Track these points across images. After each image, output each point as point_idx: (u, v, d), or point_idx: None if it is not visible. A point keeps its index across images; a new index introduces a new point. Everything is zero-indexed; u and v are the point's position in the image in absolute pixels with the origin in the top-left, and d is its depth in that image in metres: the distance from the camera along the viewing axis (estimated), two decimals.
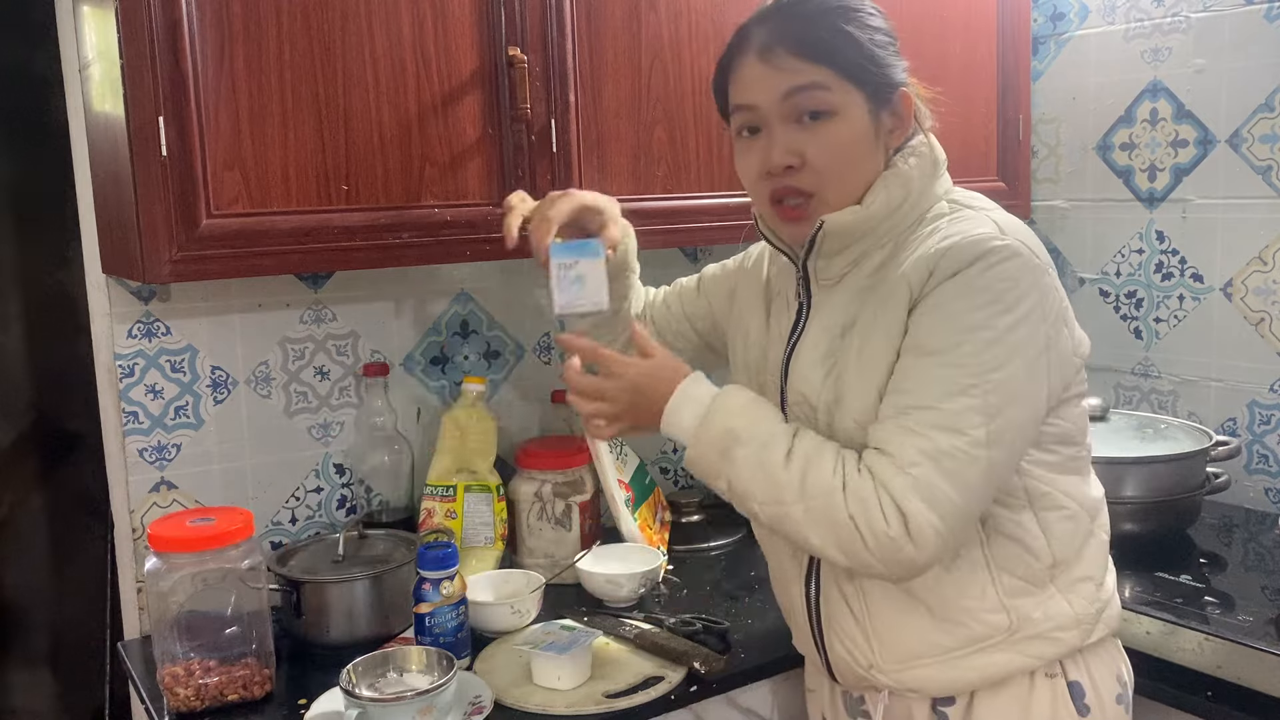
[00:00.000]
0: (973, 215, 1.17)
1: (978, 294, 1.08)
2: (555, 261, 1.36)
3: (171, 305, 1.67)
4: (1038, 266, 1.11)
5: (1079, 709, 1.20)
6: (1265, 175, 1.92)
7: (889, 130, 1.19)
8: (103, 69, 1.42)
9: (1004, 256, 1.09)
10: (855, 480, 1.07)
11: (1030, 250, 1.12)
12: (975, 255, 1.09)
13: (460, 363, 1.92)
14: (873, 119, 1.17)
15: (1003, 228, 1.13)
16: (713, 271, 1.53)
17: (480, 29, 1.52)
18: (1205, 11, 1.97)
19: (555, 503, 1.78)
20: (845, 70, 1.15)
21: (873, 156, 1.18)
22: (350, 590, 1.52)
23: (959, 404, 1.06)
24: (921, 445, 1.05)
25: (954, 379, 1.06)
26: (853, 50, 1.15)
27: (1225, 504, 1.96)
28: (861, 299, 1.18)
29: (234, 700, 1.39)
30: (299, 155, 1.41)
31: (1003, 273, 1.08)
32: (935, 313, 1.10)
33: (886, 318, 1.14)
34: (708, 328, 1.51)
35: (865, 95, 1.16)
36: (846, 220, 1.17)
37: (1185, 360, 2.07)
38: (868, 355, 1.14)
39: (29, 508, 2.52)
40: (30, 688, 2.55)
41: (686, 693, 1.42)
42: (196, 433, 1.70)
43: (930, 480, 1.04)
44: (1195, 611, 1.50)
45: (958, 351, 1.07)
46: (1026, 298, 1.08)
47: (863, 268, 1.20)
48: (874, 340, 1.14)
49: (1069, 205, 2.23)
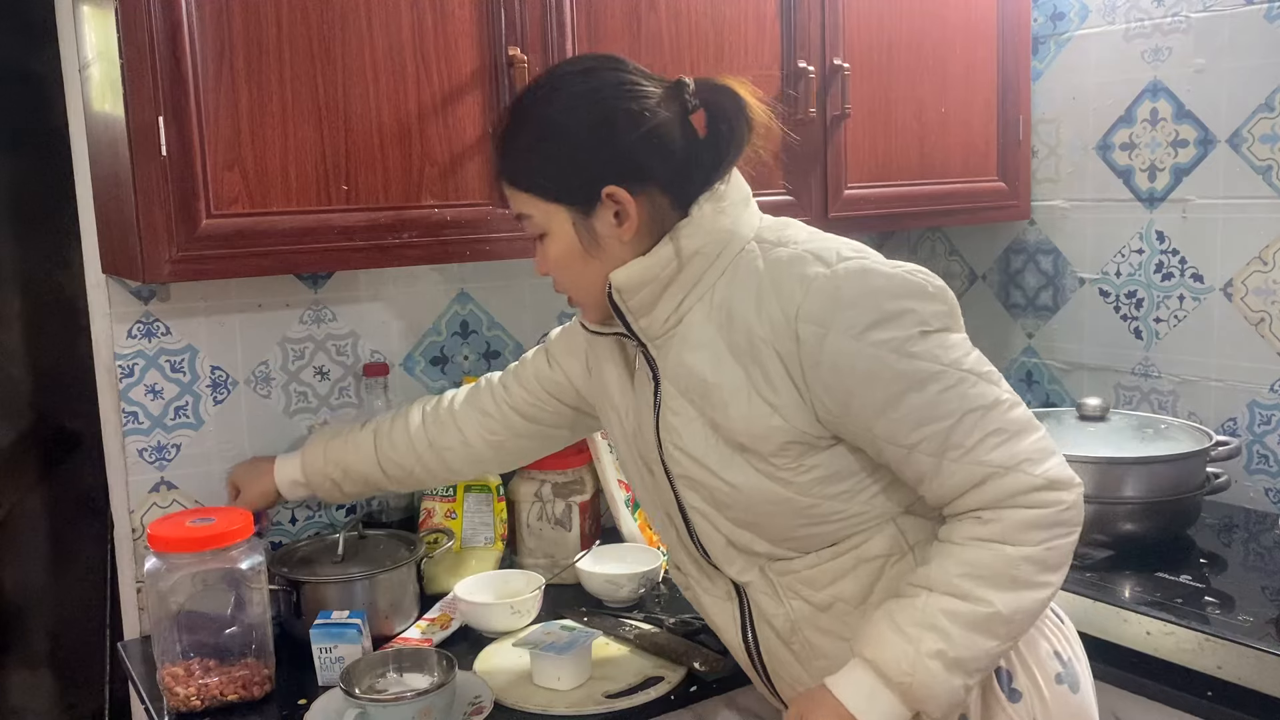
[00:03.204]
0: (785, 254, 1.14)
1: (869, 329, 1.07)
2: (315, 645, 1.44)
3: (171, 305, 1.67)
4: (868, 268, 1.10)
5: (1008, 694, 1.18)
6: (1265, 175, 1.92)
7: (615, 227, 1.15)
8: (103, 69, 1.42)
9: (853, 280, 1.09)
10: (997, 530, 1.08)
11: (852, 257, 1.11)
12: (829, 299, 1.08)
13: (460, 363, 1.92)
14: (580, 230, 1.16)
15: (822, 256, 1.12)
16: (559, 345, 1.45)
17: (480, 29, 1.52)
18: (1205, 11, 1.97)
19: (555, 503, 1.78)
20: (544, 193, 1.16)
21: (596, 260, 1.17)
22: (350, 590, 1.52)
23: (966, 399, 1.07)
24: (988, 447, 1.07)
25: (938, 391, 1.07)
26: (543, 170, 1.16)
27: (1225, 504, 1.95)
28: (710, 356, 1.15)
29: (234, 700, 1.39)
30: (299, 155, 1.41)
31: (865, 292, 1.08)
32: (856, 373, 1.08)
33: (757, 375, 1.12)
34: (572, 398, 1.44)
35: (568, 208, 1.16)
36: (631, 273, 1.15)
37: (1185, 360, 2.07)
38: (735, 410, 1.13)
39: (29, 508, 2.52)
40: (30, 688, 2.55)
41: (686, 693, 1.42)
42: (196, 433, 1.70)
43: (1022, 453, 1.07)
44: (1195, 611, 1.50)
45: (914, 374, 1.07)
46: (897, 296, 1.09)
47: (690, 321, 1.17)
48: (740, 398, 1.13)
49: (1069, 205, 2.23)
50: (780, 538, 1.17)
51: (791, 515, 1.15)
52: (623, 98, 1.14)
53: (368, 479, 1.52)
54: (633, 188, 1.14)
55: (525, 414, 1.47)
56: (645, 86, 1.16)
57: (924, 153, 1.99)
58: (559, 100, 1.16)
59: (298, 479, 1.55)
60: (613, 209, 1.15)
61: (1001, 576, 1.07)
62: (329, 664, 1.43)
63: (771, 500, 1.14)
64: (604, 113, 1.14)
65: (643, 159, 1.15)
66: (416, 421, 1.51)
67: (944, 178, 2.03)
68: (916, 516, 1.17)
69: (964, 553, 1.09)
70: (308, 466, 1.54)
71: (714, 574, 1.25)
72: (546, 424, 1.48)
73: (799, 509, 1.14)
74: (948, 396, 1.08)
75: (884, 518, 1.16)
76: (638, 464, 1.28)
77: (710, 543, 1.21)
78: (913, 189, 2.01)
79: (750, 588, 1.22)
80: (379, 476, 1.52)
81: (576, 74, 1.18)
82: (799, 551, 1.18)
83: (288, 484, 1.55)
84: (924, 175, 1.99)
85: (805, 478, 1.13)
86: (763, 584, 1.20)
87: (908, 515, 1.17)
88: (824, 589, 1.18)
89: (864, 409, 1.09)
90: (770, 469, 1.13)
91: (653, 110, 1.14)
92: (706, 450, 1.16)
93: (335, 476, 1.52)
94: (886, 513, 1.16)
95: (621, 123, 1.14)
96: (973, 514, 1.09)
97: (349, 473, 1.52)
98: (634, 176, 1.14)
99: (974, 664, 1.08)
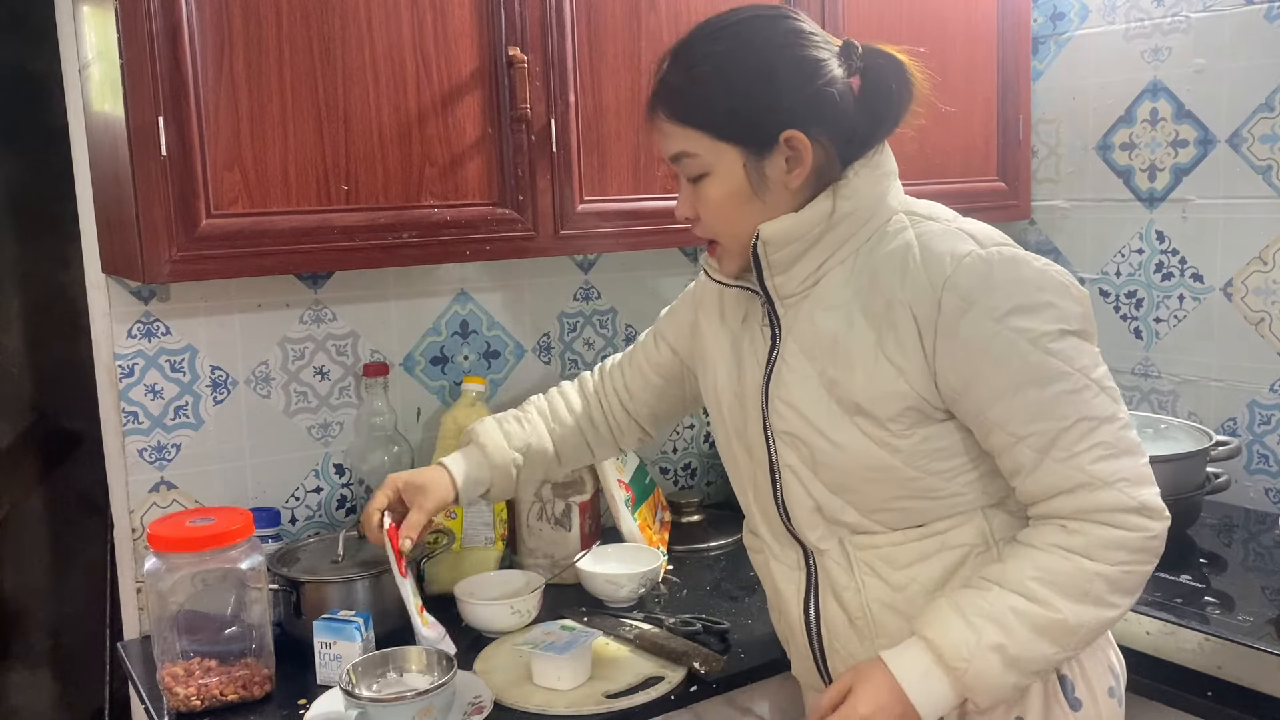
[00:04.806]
0: (939, 228, 1.16)
1: (1011, 314, 1.08)
2: (317, 640, 1.44)
3: (171, 305, 1.67)
4: (1024, 256, 1.12)
5: (1070, 703, 1.20)
6: (1265, 175, 1.92)
7: (785, 173, 1.15)
8: (103, 69, 1.42)
9: (1003, 265, 1.10)
10: (1080, 542, 1.09)
11: (1007, 244, 1.13)
12: (979, 277, 1.09)
13: (460, 363, 1.92)
14: (751, 171, 1.15)
15: (977, 237, 1.13)
16: (666, 321, 1.48)
17: (480, 29, 1.52)
18: (1205, 11, 1.97)
19: (555, 503, 1.78)
20: (714, 130, 1.14)
21: (759, 204, 1.16)
22: (350, 590, 1.52)
23: (1086, 406, 1.09)
24: (1094, 454, 1.08)
25: (1063, 390, 1.08)
26: (719, 105, 1.14)
27: (1225, 504, 1.96)
28: (843, 316, 1.17)
29: (234, 700, 1.39)
30: (299, 155, 1.41)
31: (1013, 280, 1.09)
32: (986, 354, 1.09)
33: (889, 338, 1.13)
34: (674, 372, 1.46)
35: (740, 149, 1.15)
36: (782, 227, 1.16)
37: (1185, 360, 2.07)
38: (858, 371, 1.14)
39: (29, 508, 2.52)
40: (30, 688, 2.55)
41: (686, 693, 1.42)
42: (196, 433, 1.70)
43: (1123, 472, 1.08)
44: (1195, 611, 1.50)
45: (1043, 369, 1.08)
46: (1043, 289, 1.10)
47: (828, 283, 1.18)
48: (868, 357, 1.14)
49: (1069, 205, 2.23)
50: (872, 509, 1.18)
51: (891, 485, 1.16)
52: (807, 45, 1.14)
53: (545, 462, 1.48)
54: (810, 135, 1.14)
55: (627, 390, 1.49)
56: (821, 38, 1.17)
57: (924, 152, 1.99)
58: (743, 38, 1.15)
59: (481, 476, 1.43)
60: (786, 154, 1.14)
61: (1074, 588, 1.08)
62: (328, 661, 1.43)
63: (875, 467, 1.15)
64: (790, 58, 1.14)
65: (820, 109, 1.14)
66: (575, 399, 1.51)
67: (944, 177, 2.03)
68: (1006, 513, 1.18)
69: (1042, 557, 1.10)
70: (493, 457, 1.43)
71: (788, 541, 1.26)
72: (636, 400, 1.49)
73: (901, 479, 1.15)
74: (1069, 400, 1.08)
75: (975, 506, 1.17)
76: (735, 420, 1.28)
77: (797, 506, 1.22)
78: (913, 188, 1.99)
79: (824, 557, 1.22)
80: (552, 458, 1.49)
81: (758, 17, 1.17)
82: (886, 527, 1.18)
83: (471, 483, 1.42)
84: (924, 175, 1.99)
85: (914, 447, 1.14)
86: (839, 555, 1.21)
87: (998, 509, 1.17)
88: (903, 569, 1.18)
89: (985, 391, 1.10)
90: (883, 435, 1.14)
91: (828, 64, 1.15)
92: (818, 409, 1.17)
93: (518, 464, 1.45)
94: (979, 502, 1.17)
95: (805, 69, 1.13)
96: (1059, 521, 1.10)
97: (529, 457, 1.46)
98: (811, 124, 1.14)
99: (1030, 665, 1.09)
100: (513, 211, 1.57)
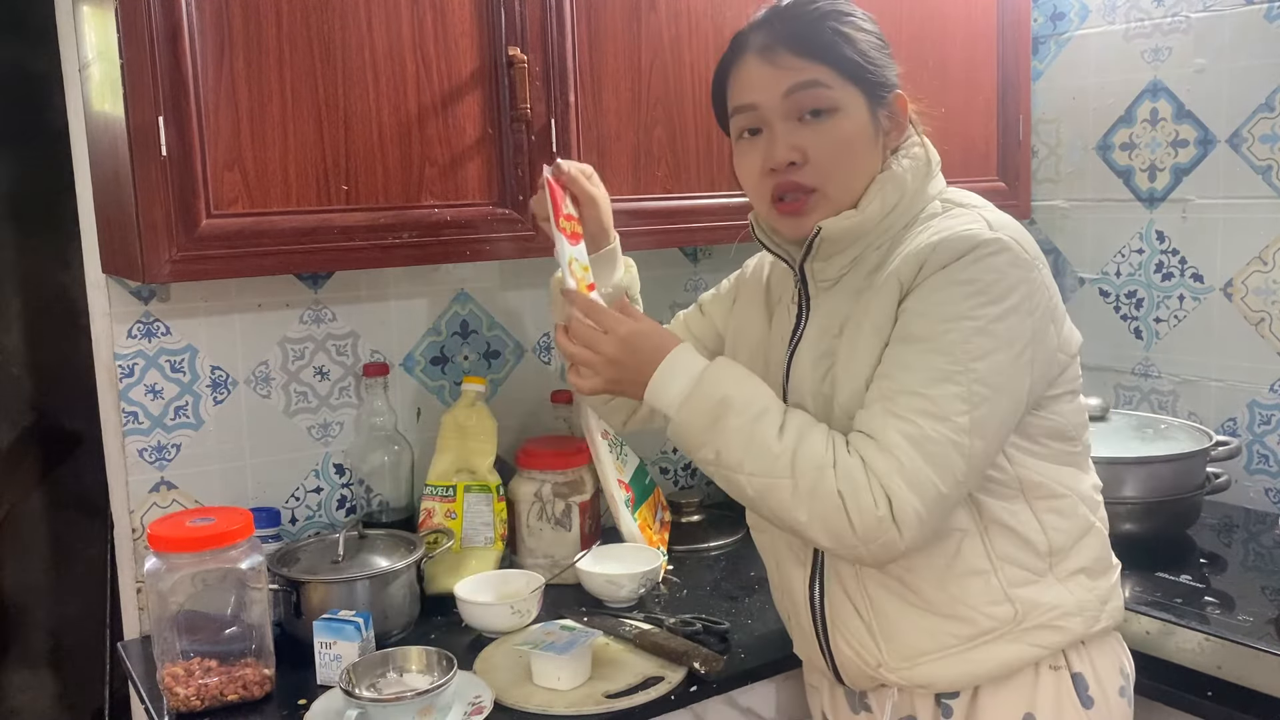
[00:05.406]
0: (964, 213, 1.19)
1: (965, 285, 1.10)
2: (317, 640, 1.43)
3: (171, 305, 1.67)
4: (1026, 261, 1.13)
5: (1083, 700, 1.21)
6: (1265, 175, 1.92)
7: (886, 131, 1.21)
8: (103, 69, 1.42)
9: (992, 250, 1.11)
10: (845, 459, 1.08)
11: (1019, 245, 1.13)
12: (964, 249, 1.11)
13: (460, 363, 1.92)
14: (871, 117, 1.19)
15: (993, 224, 1.15)
16: (710, 294, 1.53)
17: (480, 29, 1.52)
18: (1205, 11, 1.97)
19: (555, 503, 1.78)
20: (843, 68, 1.18)
21: (871, 154, 1.20)
22: (350, 590, 1.52)
23: (943, 390, 1.08)
24: (906, 430, 1.07)
25: (939, 366, 1.08)
26: (849, 50, 1.18)
27: (1225, 504, 1.95)
28: (857, 298, 1.20)
29: (234, 700, 1.39)
30: (299, 155, 1.41)
31: (990, 266, 1.10)
32: (923, 302, 1.12)
33: (877, 312, 1.16)
34: (710, 336, 1.50)
35: (863, 94, 1.19)
36: (844, 225, 1.19)
37: (1185, 360, 2.07)
38: (859, 350, 1.16)
39: (29, 508, 2.52)
40: (30, 688, 2.55)
41: (686, 693, 1.42)
42: (196, 433, 1.70)
43: (915, 465, 1.06)
44: (1195, 611, 1.50)
45: (943, 339, 1.09)
46: (1014, 291, 1.10)
47: (859, 269, 1.21)
48: (864, 335, 1.16)
49: (1069, 205, 2.23)
50: None
51: None
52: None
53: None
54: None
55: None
56: None
57: None
58: (853, 7, 1.22)
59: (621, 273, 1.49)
60: (889, 113, 1.21)
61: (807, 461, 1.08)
62: (328, 661, 1.43)
63: None
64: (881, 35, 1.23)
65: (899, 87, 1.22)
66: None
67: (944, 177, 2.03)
68: (993, 498, 1.18)
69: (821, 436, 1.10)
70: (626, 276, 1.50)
71: None
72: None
73: None
74: (936, 375, 1.08)
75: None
76: None
77: None
78: None
79: None
80: None
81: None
82: None
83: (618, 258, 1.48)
84: None
85: None
86: None
87: (985, 495, 1.17)
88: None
89: (900, 330, 1.13)
90: None
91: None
92: (820, 386, 1.19)
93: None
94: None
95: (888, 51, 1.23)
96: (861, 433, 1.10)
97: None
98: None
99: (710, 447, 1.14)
100: (513, 211, 1.57)
